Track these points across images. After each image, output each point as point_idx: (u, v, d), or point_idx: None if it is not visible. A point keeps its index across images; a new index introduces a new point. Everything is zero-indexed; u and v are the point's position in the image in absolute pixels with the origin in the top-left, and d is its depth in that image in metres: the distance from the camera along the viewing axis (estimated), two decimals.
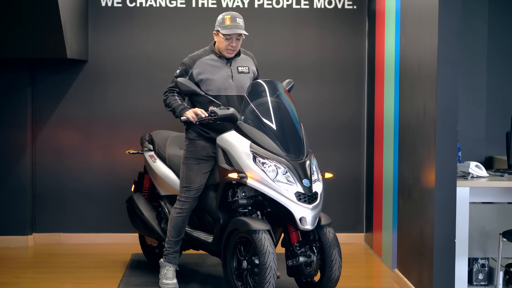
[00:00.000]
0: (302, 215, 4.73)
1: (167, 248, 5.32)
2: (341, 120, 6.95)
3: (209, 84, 5.15)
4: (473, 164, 5.06)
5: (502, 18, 6.47)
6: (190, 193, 5.21)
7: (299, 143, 4.98)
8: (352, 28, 6.91)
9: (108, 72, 6.84)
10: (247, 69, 5.27)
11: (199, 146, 5.19)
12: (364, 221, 7.00)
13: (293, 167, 4.84)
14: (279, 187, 4.78)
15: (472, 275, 5.21)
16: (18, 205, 6.78)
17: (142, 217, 5.74)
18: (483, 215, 5.12)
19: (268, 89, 5.07)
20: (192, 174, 5.19)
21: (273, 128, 4.95)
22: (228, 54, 5.16)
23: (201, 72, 5.16)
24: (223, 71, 5.18)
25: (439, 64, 4.71)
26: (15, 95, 6.73)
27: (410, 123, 5.28)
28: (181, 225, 5.28)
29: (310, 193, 4.82)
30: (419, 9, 5.11)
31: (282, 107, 5.06)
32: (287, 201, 4.76)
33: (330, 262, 4.82)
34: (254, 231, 4.70)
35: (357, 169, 6.98)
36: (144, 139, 5.94)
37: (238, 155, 4.90)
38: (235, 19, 5.10)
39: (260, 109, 4.99)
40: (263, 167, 4.82)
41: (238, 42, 5.15)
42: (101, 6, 6.80)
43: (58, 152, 6.88)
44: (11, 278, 5.74)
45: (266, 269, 4.63)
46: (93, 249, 6.68)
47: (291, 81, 5.40)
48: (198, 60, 5.19)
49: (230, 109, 5.01)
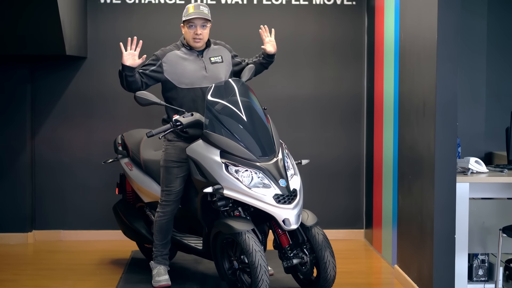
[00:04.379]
0: (284, 217, 4.66)
1: (155, 251, 5.31)
2: (340, 123, 6.94)
3: (182, 77, 5.09)
4: (472, 159, 5.06)
5: (502, 14, 6.47)
6: (170, 197, 5.16)
7: (269, 141, 4.89)
8: (351, 23, 6.90)
9: (107, 69, 6.83)
10: (220, 58, 5.21)
11: (178, 148, 5.11)
12: (363, 217, 7.00)
13: (267, 170, 4.74)
14: (256, 194, 4.69)
15: (472, 270, 5.21)
16: (18, 202, 6.78)
17: (131, 226, 5.72)
18: (483, 210, 5.12)
19: (225, 91, 4.95)
20: (171, 178, 5.14)
21: (240, 131, 4.84)
22: (195, 43, 5.09)
23: (173, 66, 5.09)
24: (195, 64, 5.12)
25: (438, 59, 4.71)
26: (14, 92, 6.73)
27: (410, 120, 5.27)
28: (166, 228, 5.24)
29: (289, 192, 4.74)
30: (418, 5, 5.10)
31: (246, 106, 4.93)
32: (267, 206, 4.68)
33: (323, 264, 4.78)
34: (237, 233, 4.65)
35: (356, 167, 6.97)
36: (117, 143, 5.82)
37: (209, 166, 4.80)
38: (198, 6, 5.07)
39: (223, 114, 4.87)
40: (237, 175, 4.73)
41: (204, 30, 5.08)
42: (100, 2, 6.80)
43: (57, 149, 6.88)
44: (11, 275, 5.74)
45: (256, 268, 4.59)
46: (93, 246, 6.68)
47: (252, 67, 5.26)
48: (168, 53, 5.13)
49: (194, 115, 4.93)
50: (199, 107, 5.06)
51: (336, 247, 5.15)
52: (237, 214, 4.87)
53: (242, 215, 4.87)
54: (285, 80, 6.90)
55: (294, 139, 6.77)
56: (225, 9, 6.80)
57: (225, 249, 4.89)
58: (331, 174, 6.97)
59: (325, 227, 5.26)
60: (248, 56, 5.62)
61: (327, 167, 6.95)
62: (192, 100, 5.10)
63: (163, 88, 5.20)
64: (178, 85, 5.10)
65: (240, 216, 4.86)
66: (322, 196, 6.95)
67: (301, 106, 6.92)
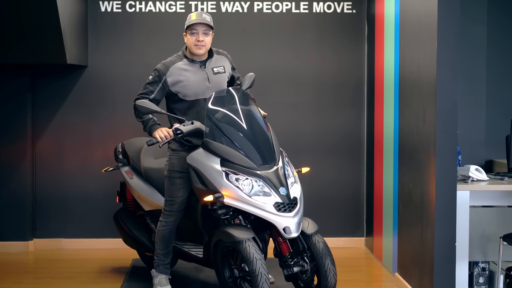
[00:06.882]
0: (285, 225, 4.67)
1: (156, 260, 5.29)
2: (340, 126, 6.95)
3: (186, 89, 5.06)
4: (473, 167, 5.06)
5: (501, 22, 6.48)
6: (173, 207, 5.15)
7: (269, 149, 4.89)
8: (351, 32, 6.91)
9: (107, 77, 6.84)
10: (222, 68, 5.18)
11: (181, 158, 5.09)
12: (364, 225, 6.99)
13: (268, 178, 4.75)
14: (256, 202, 4.69)
15: (472, 278, 5.21)
16: (19, 211, 6.78)
17: (131, 234, 5.72)
18: (483, 218, 5.12)
19: (225, 99, 4.96)
20: (175, 188, 5.12)
21: (240, 139, 4.84)
22: (197, 49, 5.04)
23: (176, 79, 5.06)
24: (198, 75, 5.09)
25: (438, 67, 4.72)
26: (15, 101, 6.74)
27: (410, 128, 5.28)
28: (168, 238, 5.23)
29: (289, 200, 4.75)
30: (418, 13, 5.11)
31: (246, 114, 4.93)
32: (267, 215, 4.68)
33: (324, 272, 4.77)
34: (238, 241, 4.65)
35: (357, 175, 6.97)
36: (118, 151, 5.82)
37: (210, 174, 4.80)
38: (200, 14, 5.04)
39: (223, 122, 4.87)
40: (237, 184, 4.73)
41: (206, 38, 5.04)
42: (101, 11, 6.81)
43: (58, 157, 6.89)
44: (12, 284, 5.73)
45: (257, 276, 4.58)
46: (94, 255, 6.68)
47: (252, 75, 5.22)
48: (171, 67, 5.07)
49: (195, 123, 4.93)
50: (203, 118, 5.05)
51: (336, 255, 5.15)
52: (237, 223, 4.87)
53: (242, 223, 4.87)
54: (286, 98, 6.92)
55: (295, 149, 6.77)
56: (226, 17, 6.82)
57: (226, 257, 4.89)
58: (331, 181, 6.97)
59: (325, 235, 5.26)
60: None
61: (327, 175, 6.94)
62: (196, 112, 5.09)
63: (168, 100, 5.18)
64: (183, 98, 5.08)
65: (241, 224, 4.86)
66: (322, 204, 6.95)
67: (300, 118, 6.93)
